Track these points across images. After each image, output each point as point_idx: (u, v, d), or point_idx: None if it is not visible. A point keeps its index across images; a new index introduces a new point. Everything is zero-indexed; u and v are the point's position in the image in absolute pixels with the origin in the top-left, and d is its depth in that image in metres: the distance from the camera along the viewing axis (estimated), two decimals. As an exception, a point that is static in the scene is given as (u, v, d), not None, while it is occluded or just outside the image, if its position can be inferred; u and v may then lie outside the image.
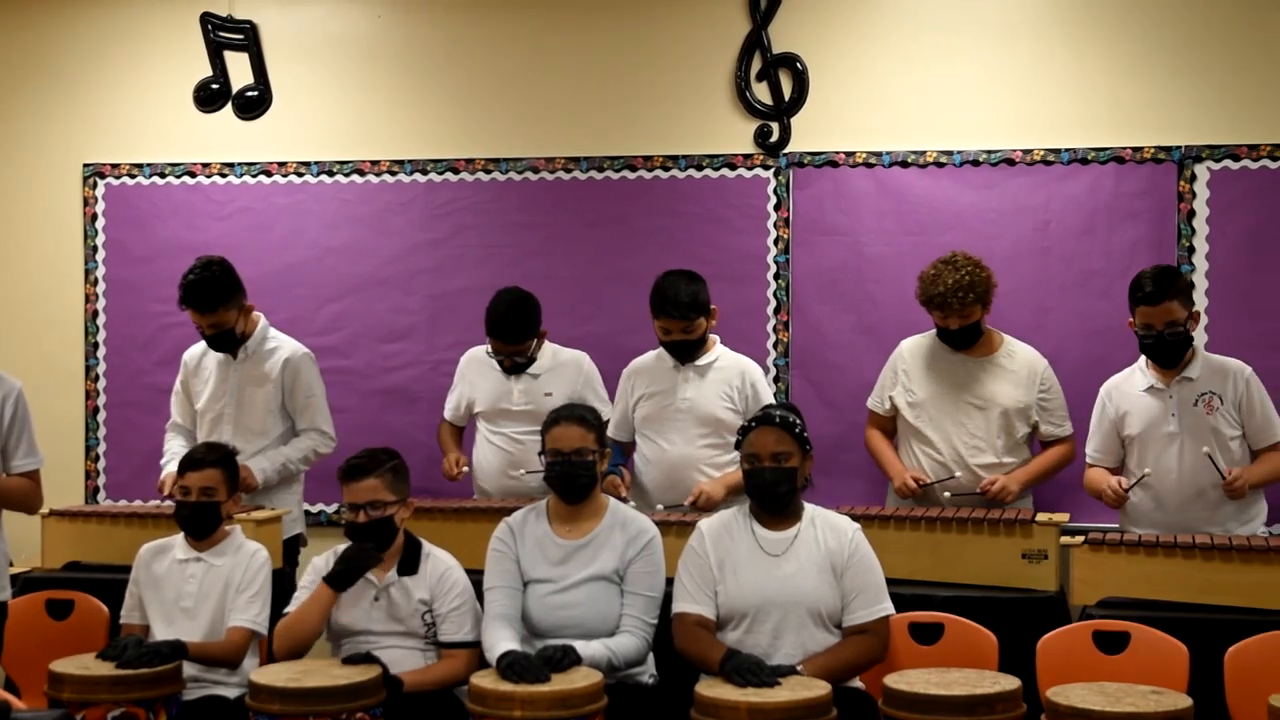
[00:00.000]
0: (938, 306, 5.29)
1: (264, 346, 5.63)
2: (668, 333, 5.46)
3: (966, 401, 5.38)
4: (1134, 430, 5.14)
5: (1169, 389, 5.10)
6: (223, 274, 5.49)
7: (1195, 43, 5.81)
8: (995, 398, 5.37)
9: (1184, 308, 5.03)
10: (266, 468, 5.48)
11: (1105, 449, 5.24)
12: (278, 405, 5.61)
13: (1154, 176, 5.82)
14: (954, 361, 5.42)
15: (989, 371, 5.40)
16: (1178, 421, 5.07)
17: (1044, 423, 5.43)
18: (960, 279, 5.24)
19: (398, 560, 4.59)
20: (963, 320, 5.31)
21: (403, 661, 4.42)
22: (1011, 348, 5.46)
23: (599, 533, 4.59)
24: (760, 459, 4.43)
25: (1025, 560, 4.90)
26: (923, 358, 5.47)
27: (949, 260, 5.31)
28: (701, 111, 6.18)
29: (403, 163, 6.38)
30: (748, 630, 4.36)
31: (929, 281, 5.29)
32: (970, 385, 5.39)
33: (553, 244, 6.26)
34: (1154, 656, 4.36)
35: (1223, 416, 5.06)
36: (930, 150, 5.98)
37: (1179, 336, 5.03)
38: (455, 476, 5.70)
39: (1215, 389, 5.08)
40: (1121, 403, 5.19)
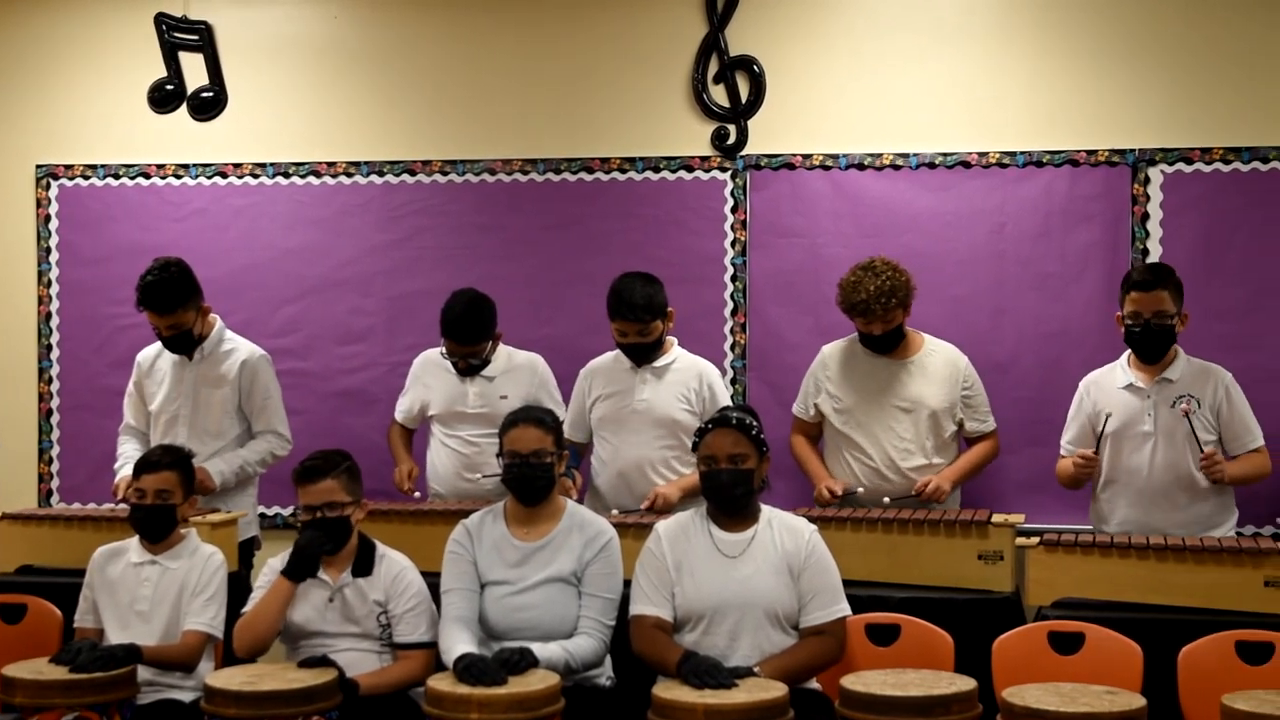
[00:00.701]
0: (860, 313, 5.30)
1: (220, 348, 5.60)
2: (623, 335, 5.46)
3: (893, 405, 5.40)
4: (1110, 426, 5.17)
5: (1148, 388, 5.13)
6: (180, 275, 5.46)
7: (1149, 47, 5.85)
8: (922, 399, 5.39)
9: (1174, 301, 5.06)
10: (224, 470, 5.46)
11: (1080, 441, 5.26)
12: (234, 407, 5.59)
13: (1108, 179, 5.86)
14: (877, 365, 5.44)
15: (912, 373, 5.42)
16: (1154, 422, 5.11)
17: (969, 419, 5.46)
18: (881, 285, 5.25)
19: (352, 562, 4.57)
20: (885, 325, 5.32)
21: (359, 664, 4.41)
22: (932, 347, 5.48)
23: (556, 535, 4.58)
24: (717, 461, 4.44)
25: (981, 561, 4.92)
26: (846, 364, 5.48)
27: (868, 266, 5.32)
28: (658, 114, 6.18)
29: (359, 164, 6.36)
30: (705, 632, 4.36)
31: (850, 289, 5.29)
32: (895, 388, 5.41)
33: (510, 246, 6.25)
34: (1108, 657, 4.38)
35: (1200, 420, 5.09)
36: (887, 153, 6.00)
37: (1165, 328, 5.06)
38: (406, 490, 5.68)
39: (1194, 392, 5.11)
40: (1100, 398, 5.21)
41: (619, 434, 5.51)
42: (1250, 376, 5.31)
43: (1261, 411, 5.29)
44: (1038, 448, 5.71)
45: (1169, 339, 5.09)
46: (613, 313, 5.44)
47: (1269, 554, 4.57)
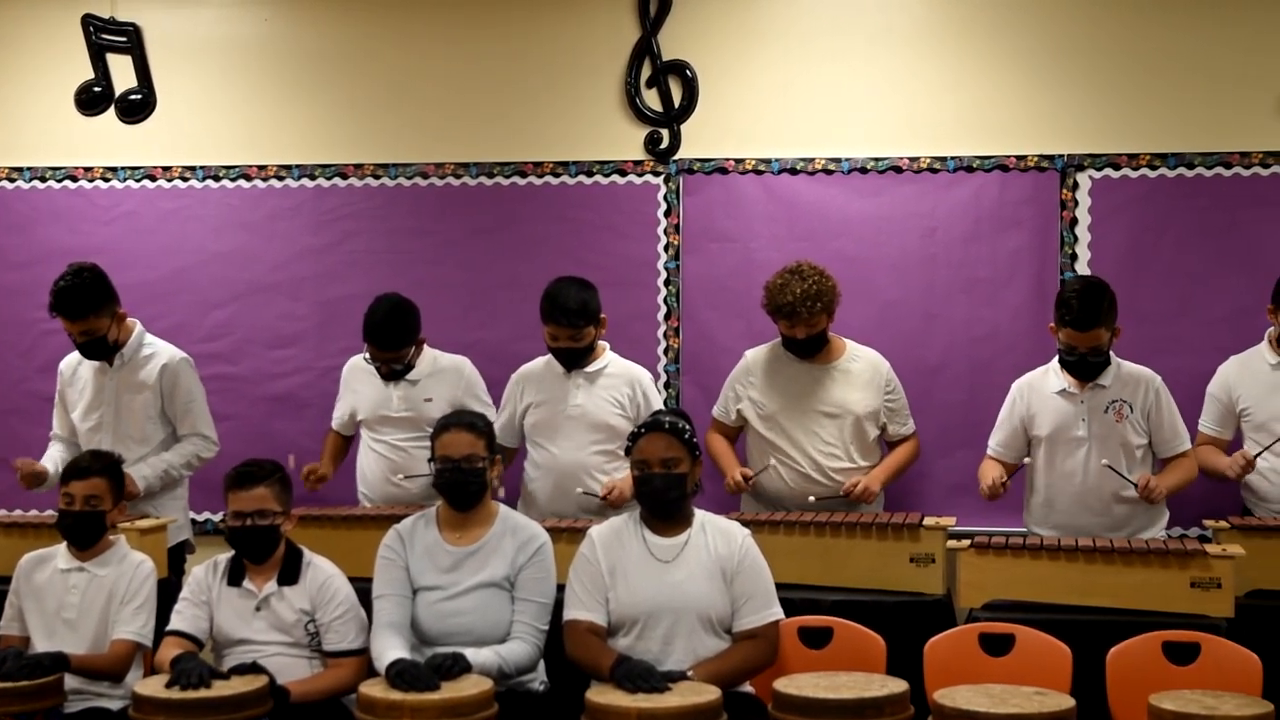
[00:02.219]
0: (785, 316, 5.32)
1: (140, 353, 5.56)
2: (555, 339, 5.45)
3: (817, 410, 5.41)
4: (1043, 431, 5.21)
5: (1081, 394, 5.17)
6: (94, 280, 5.41)
7: (1078, 54, 5.91)
8: (846, 405, 5.41)
9: (1109, 331, 5.11)
10: (149, 475, 5.42)
11: (1009, 444, 5.31)
12: (157, 411, 5.55)
13: (1038, 184, 5.91)
14: (800, 370, 5.45)
15: (836, 379, 5.44)
16: (1087, 427, 5.15)
17: (891, 423, 5.50)
18: (808, 289, 5.27)
19: (278, 571, 4.54)
20: (809, 330, 5.34)
21: (289, 670, 4.37)
22: (854, 352, 5.50)
23: (489, 539, 4.57)
24: (650, 465, 4.44)
25: (913, 564, 4.95)
26: (769, 369, 5.50)
27: (795, 270, 5.34)
28: (592, 118, 6.18)
29: (290, 167, 6.32)
30: (638, 636, 4.36)
31: (776, 291, 5.31)
32: (819, 394, 5.42)
33: (442, 250, 6.23)
34: (1038, 658, 4.41)
35: (1131, 425, 5.15)
36: (819, 157, 6.03)
37: (1100, 358, 5.12)
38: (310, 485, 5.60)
39: (1126, 397, 5.16)
40: (1033, 401, 5.25)
41: (553, 440, 5.50)
42: (1177, 380, 5.38)
43: (1189, 414, 5.38)
44: (968, 450, 5.75)
45: (1105, 365, 5.16)
46: (546, 316, 5.43)
47: (1195, 556, 4.62)
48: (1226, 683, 4.16)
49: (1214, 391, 5.42)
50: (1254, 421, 5.30)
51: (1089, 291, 5.10)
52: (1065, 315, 5.08)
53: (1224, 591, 4.59)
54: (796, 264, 5.37)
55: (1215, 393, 5.41)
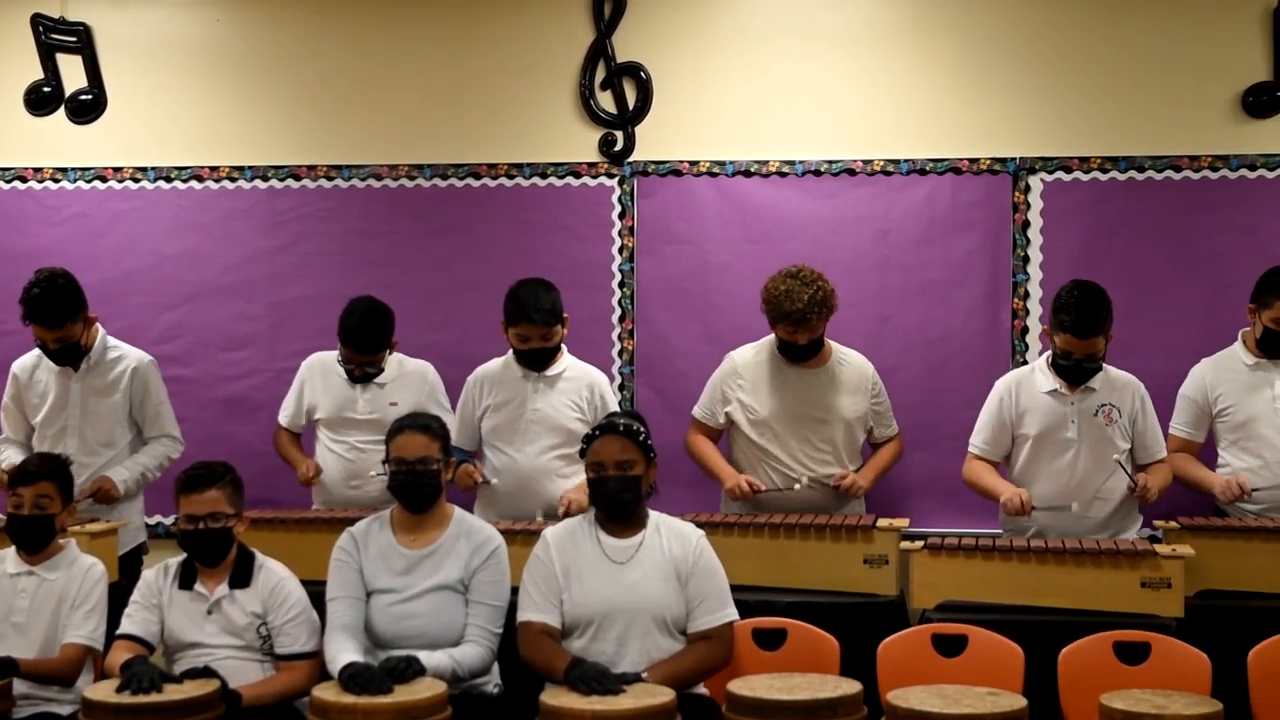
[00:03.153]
0: (793, 322, 5.28)
1: (107, 357, 5.52)
2: (525, 340, 5.43)
3: (811, 415, 5.41)
4: (1031, 430, 5.23)
5: (1071, 396, 5.20)
6: (68, 286, 5.38)
7: (1030, 58, 5.95)
8: (838, 410, 5.42)
9: (1106, 339, 5.14)
10: (127, 478, 5.42)
11: (995, 443, 5.32)
12: (125, 415, 5.53)
13: (990, 187, 5.94)
14: (792, 375, 5.45)
15: (826, 383, 5.44)
16: (1077, 429, 5.18)
17: (877, 426, 5.52)
18: (815, 295, 5.25)
19: (230, 574, 4.51)
20: (811, 335, 5.34)
21: (241, 674, 4.34)
22: (841, 356, 5.51)
23: (443, 542, 4.56)
24: (605, 467, 4.44)
25: (866, 565, 4.97)
26: (762, 373, 5.47)
27: (796, 275, 5.31)
28: (546, 120, 6.18)
29: (243, 169, 6.29)
30: (593, 638, 4.35)
31: (782, 298, 5.26)
32: (811, 398, 5.42)
33: (396, 252, 6.21)
34: (990, 658, 4.44)
35: (1119, 429, 5.19)
36: (773, 160, 6.04)
37: (1094, 365, 5.16)
38: (311, 481, 5.61)
39: (1114, 401, 5.20)
40: (1022, 400, 5.26)
41: (512, 443, 5.49)
42: (1126, 381, 5.42)
43: (1139, 415, 5.43)
44: (922, 452, 5.79)
45: (1098, 370, 5.19)
46: (515, 317, 5.41)
47: (1145, 556, 4.66)
48: (1176, 682, 4.20)
49: (1188, 393, 5.44)
50: (1232, 422, 5.33)
51: (1089, 299, 5.11)
52: (1065, 321, 5.09)
53: (1174, 591, 4.63)
54: (797, 268, 5.34)
55: (1190, 394, 5.43)
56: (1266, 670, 4.38)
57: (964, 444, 5.41)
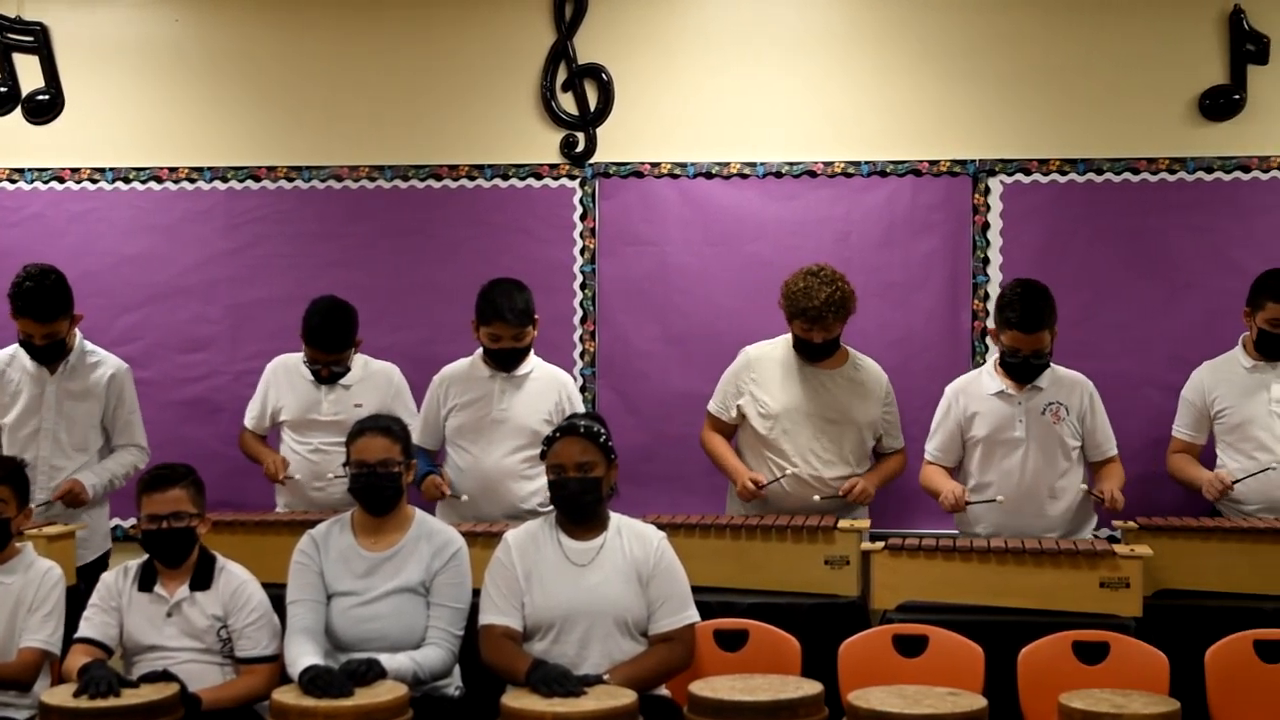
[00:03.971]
0: (810, 319, 5.27)
1: (85, 360, 5.51)
2: (496, 340, 5.42)
3: (823, 416, 5.41)
4: (980, 432, 5.26)
5: (1018, 395, 5.23)
6: (59, 282, 5.38)
7: (991, 60, 5.98)
8: (850, 413, 5.42)
9: (1052, 334, 5.17)
10: (95, 483, 5.40)
11: (947, 448, 5.35)
12: (99, 420, 5.52)
13: (949, 189, 5.97)
14: (808, 374, 5.43)
15: (841, 386, 5.44)
16: (1025, 428, 5.21)
17: (886, 436, 5.52)
18: (832, 294, 5.25)
19: (191, 576, 4.49)
20: (826, 334, 5.33)
21: (200, 678, 4.32)
22: (858, 361, 5.51)
23: (404, 544, 4.55)
24: (565, 469, 4.43)
25: (827, 566, 4.98)
26: (776, 369, 5.46)
27: (817, 273, 5.30)
28: (507, 121, 6.17)
29: (201, 170, 6.26)
30: (554, 641, 4.35)
31: (800, 294, 5.26)
32: (825, 399, 5.41)
33: (357, 253, 6.19)
34: (951, 658, 4.45)
35: (1068, 427, 5.22)
36: (734, 161, 6.05)
37: (1041, 361, 5.18)
38: (280, 478, 5.58)
39: (1062, 400, 5.23)
40: (970, 404, 5.29)
41: (477, 443, 5.48)
42: (1085, 381, 5.45)
43: (1098, 416, 5.47)
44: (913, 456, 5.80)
45: (1045, 367, 5.22)
46: (487, 317, 5.40)
47: (1104, 556, 4.69)
48: (1135, 681, 4.22)
49: (1188, 396, 5.48)
50: (1228, 424, 5.37)
51: (1032, 295, 5.16)
52: (1010, 318, 5.13)
53: (1132, 591, 4.66)
54: (818, 266, 5.34)
55: (1190, 397, 5.47)
56: (1223, 669, 4.41)
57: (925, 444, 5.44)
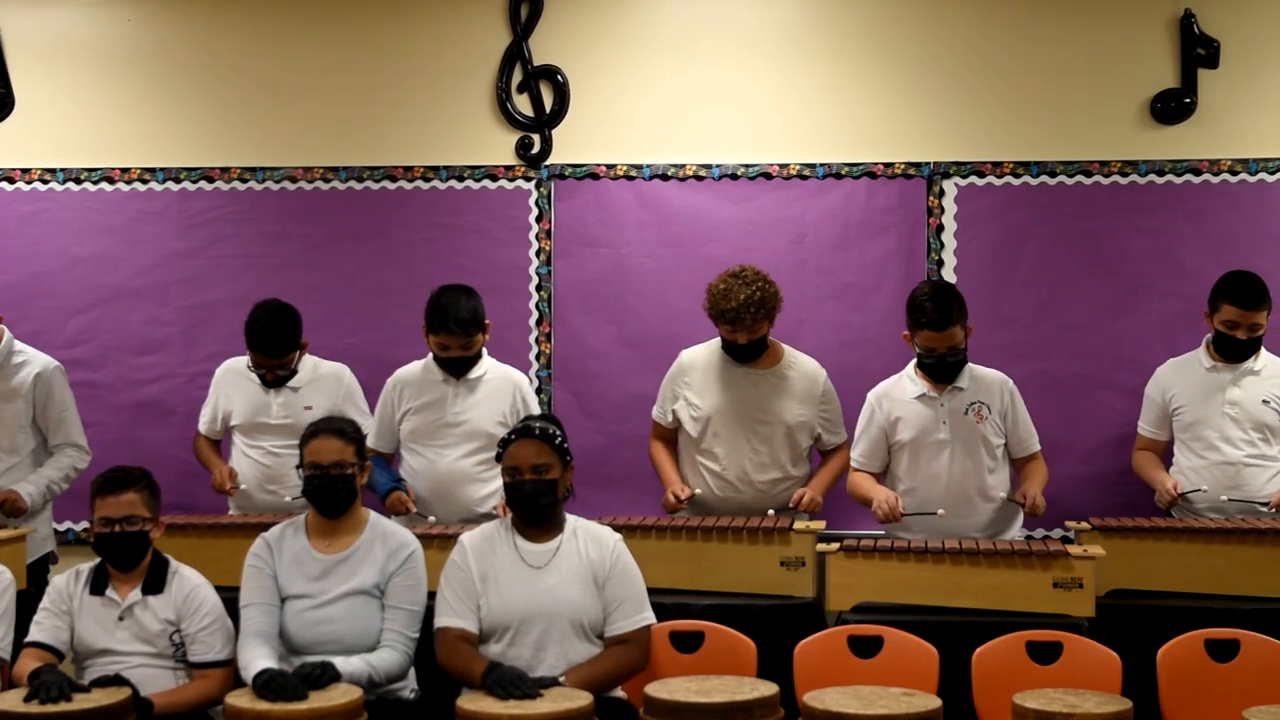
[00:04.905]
0: (729, 321, 5.29)
1: (11, 360, 5.44)
2: (445, 349, 5.41)
3: (755, 418, 5.41)
4: (905, 436, 5.27)
5: (940, 397, 5.25)
6: None
7: (945, 63, 6.00)
8: (782, 415, 5.42)
9: (964, 329, 5.20)
10: (33, 491, 5.35)
11: (873, 454, 5.36)
12: (29, 421, 5.45)
13: (904, 191, 5.99)
14: (739, 375, 5.45)
15: (774, 386, 5.45)
16: (949, 429, 5.23)
17: (826, 433, 5.52)
18: (752, 294, 5.26)
19: (143, 579, 4.46)
20: (751, 335, 5.34)
21: (153, 682, 4.30)
22: (792, 359, 5.51)
23: (359, 547, 4.53)
24: (521, 471, 4.43)
25: (783, 567, 4.99)
26: (706, 371, 5.48)
27: (738, 274, 5.32)
28: (462, 123, 6.16)
29: (154, 170, 6.22)
30: (510, 643, 4.34)
31: (720, 296, 5.28)
32: (756, 401, 5.42)
33: (312, 255, 6.17)
34: (906, 659, 4.47)
35: (991, 425, 5.25)
36: (690, 163, 6.06)
37: (959, 357, 5.21)
38: (229, 490, 5.56)
39: (984, 399, 5.26)
40: (893, 409, 5.31)
41: (432, 446, 5.47)
42: (1038, 383, 5.50)
43: (1050, 417, 5.53)
44: (838, 455, 5.82)
45: (963, 364, 5.25)
46: (435, 326, 5.38)
47: (1057, 557, 4.71)
48: (1087, 681, 4.25)
49: (1150, 393, 5.53)
50: (1183, 422, 5.42)
51: (940, 292, 5.21)
52: (921, 318, 5.16)
53: (1085, 591, 4.69)
54: (740, 268, 5.35)
55: (1151, 394, 5.53)
56: (1175, 669, 4.45)
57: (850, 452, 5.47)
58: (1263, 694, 4.18)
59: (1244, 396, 5.35)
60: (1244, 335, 5.31)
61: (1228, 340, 5.34)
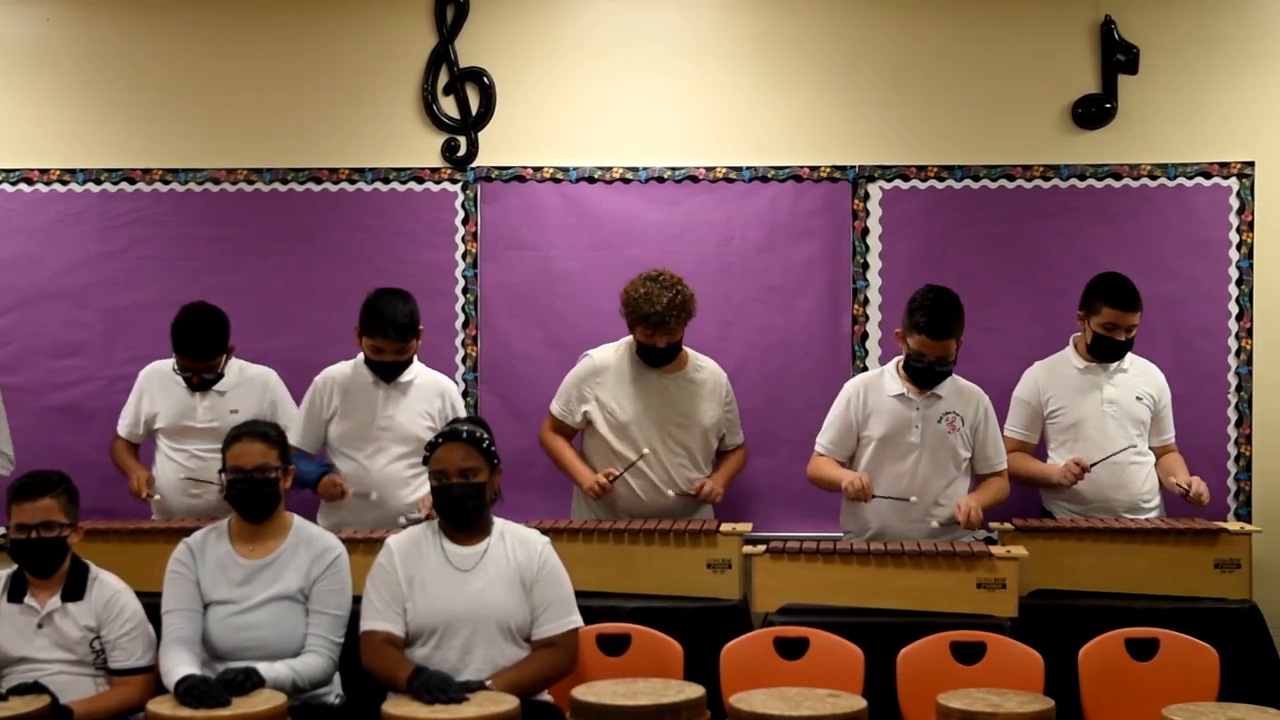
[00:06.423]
0: (652, 325, 5.29)
1: None
2: (379, 352, 5.38)
3: (673, 422, 5.43)
4: (876, 432, 5.29)
5: (917, 400, 5.27)
6: None
7: (869, 68, 6.04)
8: (697, 417, 5.45)
9: (959, 344, 5.22)
10: None
11: (840, 443, 5.37)
12: None
13: (830, 195, 6.02)
14: (651, 379, 5.45)
15: (685, 389, 5.47)
16: (920, 434, 5.26)
17: (728, 434, 5.56)
18: (674, 298, 5.28)
19: (63, 586, 4.41)
20: (670, 338, 5.36)
21: (73, 690, 4.25)
22: (698, 362, 5.54)
23: (283, 551, 4.50)
24: (448, 475, 4.42)
25: (710, 570, 5.00)
26: (620, 375, 5.47)
27: (656, 278, 5.33)
28: (388, 125, 6.13)
29: (74, 172, 6.15)
30: (436, 646, 4.33)
31: (642, 300, 5.28)
32: (671, 404, 5.44)
33: (235, 257, 6.11)
34: (831, 660, 4.50)
35: (961, 437, 5.28)
36: (617, 166, 6.06)
37: (947, 369, 5.24)
38: (145, 497, 5.49)
39: (958, 410, 5.29)
40: (869, 402, 5.32)
41: (362, 450, 5.44)
42: (962, 385, 5.52)
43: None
44: (764, 457, 5.85)
45: (948, 374, 5.27)
46: (371, 330, 5.35)
47: (981, 558, 4.76)
48: (1011, 680, 4.29)
49: (1022, 396, 5.57)
50: (1062, 424, 5.48)
51: (943, 302, 5.21)
52: (920, 322, 5.17)
53: (1008, 592, 4.74)
54: (657, 272, 5.36)
55: (1024, 397, 5.56)
56: (1096, 667, 4.51)
57: (806, 449, 5.48)
58: (1181, 692, 4.25)
59: (1120, 395, 5.46)
60: (1123, 336, 5.41)
61: (1106, 342, 5.42)
